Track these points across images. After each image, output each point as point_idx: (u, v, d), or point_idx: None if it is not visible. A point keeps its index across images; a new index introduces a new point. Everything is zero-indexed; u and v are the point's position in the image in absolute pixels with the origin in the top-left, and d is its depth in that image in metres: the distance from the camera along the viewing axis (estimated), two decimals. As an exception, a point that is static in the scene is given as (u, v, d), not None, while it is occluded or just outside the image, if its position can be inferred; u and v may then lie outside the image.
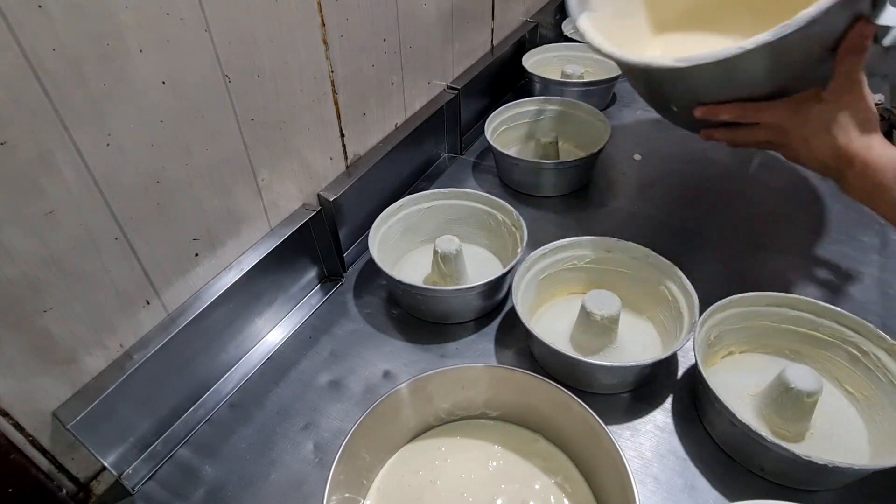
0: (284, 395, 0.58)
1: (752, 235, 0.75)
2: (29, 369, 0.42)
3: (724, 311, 0.55)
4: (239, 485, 0.51)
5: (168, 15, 0.43)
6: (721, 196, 0.83)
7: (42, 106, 0.37)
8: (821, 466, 0.43)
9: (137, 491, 0.51)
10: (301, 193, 0.65)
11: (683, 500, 0.48)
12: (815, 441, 0.51)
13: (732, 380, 0.55)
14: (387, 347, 0.63)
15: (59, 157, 0.39)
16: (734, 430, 0.48)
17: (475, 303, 0.63)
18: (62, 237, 0.41)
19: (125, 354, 0.49)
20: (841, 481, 0.48)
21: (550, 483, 0.48)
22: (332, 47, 0.61)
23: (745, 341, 0.58)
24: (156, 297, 0.51)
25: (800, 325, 0.56)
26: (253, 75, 0.52)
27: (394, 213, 0.70)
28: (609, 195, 0.85)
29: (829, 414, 0.53)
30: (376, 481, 0.49)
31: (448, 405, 0.52)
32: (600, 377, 0.55)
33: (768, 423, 0.51)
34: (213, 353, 0.58)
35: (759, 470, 0.49)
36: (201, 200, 0.52)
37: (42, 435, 0.45)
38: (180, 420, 0.56)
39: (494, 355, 0.62)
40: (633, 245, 0.61)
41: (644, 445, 0.52)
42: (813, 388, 0.48)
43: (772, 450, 0.45)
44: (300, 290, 0.68)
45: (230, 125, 0.52)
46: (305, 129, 0.62)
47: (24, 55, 0.35)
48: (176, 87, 0.46)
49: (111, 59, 0.40)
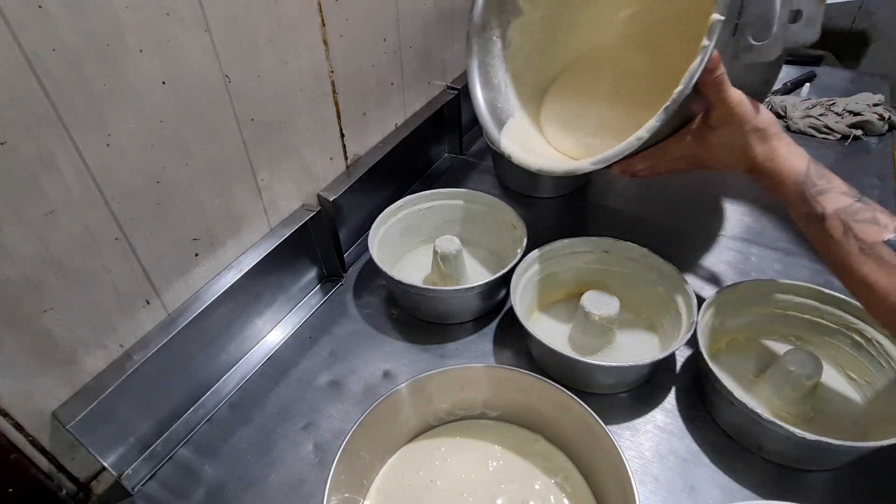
0: (284, 395, 0.58)
1: (752, 235, 0.75)
2: (29, 369, 0.42)
3: (729, 296, 0.56)
4: (239, 485, 0.51)
5: (168, 15, 0.43)
6: (721, 196, 0.83)
7: (42, 106, 0.37)
8: (813, 443, 0.44)
9: (137, 491, 0.51)
10: (301, 193, 0.65)
11: (683, 500, 0.48)
12: (815, 424, 0.52)
13: (736, 364, 0.57)
14: (387, 347, 0.63)
15: (59, 157, 0.39)
16: (733, 410, 0.49)
17: (475, 303, 0.63)
18: (62, 237, 0.41)
19: (125, 354, 0.49)
20: (837, 460, 0.49)
21: (550, 483, 0.48)
22: (332, 47, 0.61)
23: (750, 327, 0.59)
24: (156, 297, 0.51)
25: (804, 312, 0.57)
26: (253, 75, 0.52)
27: (394, 213, 0.70)
28: (608, 195, 0.85)
29: (832, 399, 0.54)
30: (376, 481, 0.49)
31: (448, 405, 0.52)
32: (599, 377, 0.55)
33: (769, 405, 0.52)
34: (213, 353, 0.58)
35: (756, 449, 0.50)
36: (201, 200, 0.52)
37: (42, 435, 0.45)
38: (180, 420, 0.56)
39: (494, 355, 0.62)
40: (632, 245, 0.61)
41: (644, 445, 0.52)
42: (812, 371, 0.50)
43: (769, 428, 0.46)
44: (300, 291, 0.68)
45: (230, 125, 0.52)
46: (305, 129, 0.62)
47: (24, 55, 0.35)
48: (176, 87, 0.46)
49: (111, 59, 0.40)
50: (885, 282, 0.42)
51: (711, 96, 0.48)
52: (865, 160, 0.89)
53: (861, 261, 0.44)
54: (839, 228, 0.45)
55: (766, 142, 0.49)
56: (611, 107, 0.68)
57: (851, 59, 1.79)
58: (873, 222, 0.44)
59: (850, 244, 0.44)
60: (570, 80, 0.74)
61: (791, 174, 0.48)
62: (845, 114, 0.95)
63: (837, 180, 0.47)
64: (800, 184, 0.48)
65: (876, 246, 0.43)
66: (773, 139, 0.49)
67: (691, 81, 0.46)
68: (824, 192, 0.46)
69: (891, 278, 0.42)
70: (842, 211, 0.45)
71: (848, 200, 0.46)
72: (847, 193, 0.46)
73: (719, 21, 0.44)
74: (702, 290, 0.65)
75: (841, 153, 0.90)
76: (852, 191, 0.47)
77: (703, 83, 0.47)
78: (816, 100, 0.99)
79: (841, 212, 0.45)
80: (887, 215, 0.44)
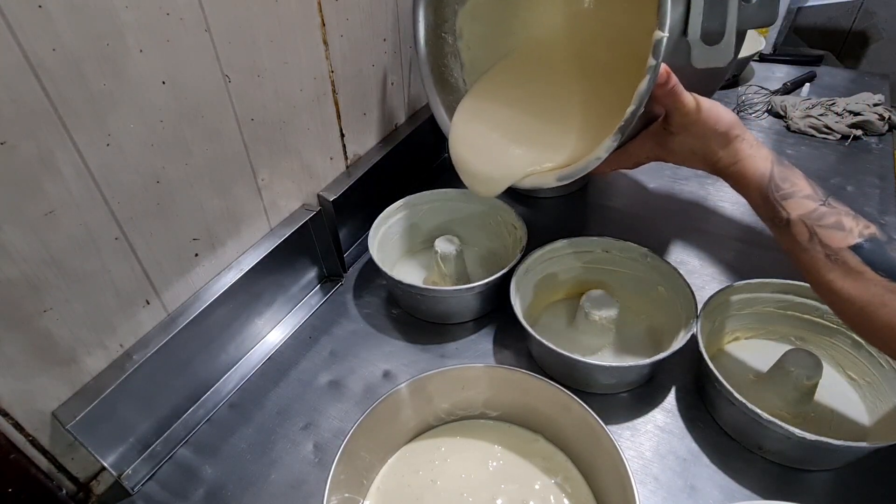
0: (284, 395, 0.58)
1: (752, 235, 0.75)
2: (29, 369, 0.42)
3: (729, 296, 0.56)
4: (239, 485, 0.51)
5: (168, 15, 0.43)
6: (721, 196, 0.83)
7: (42, 106, 0.37)
8: (813, 443, 0.44)
9: (137, 491, 0.51)
10: (301, 193, 0.65)
11: (683, 500, 0.48)
12: (815, 424, 0.52)
13: (736, 363, 0.57)
14: (387, 347, 0.63)
15: (59, 157, 0.39)
16: (733, 410, 0.49)
17: (475, 303, 0.63)
18: (62, 237, 0.41)
19: (125, 354, 0.49)
20: (837, 460, 0.49)
21: (550, 483, 0.48)
22: (332, 47, 0.61)
23: (750, 327, 0.59)
24: (156, 297, 0.51)
25: (804, 312, 0.57)
26: (253, 75, 0.52)
27: (394, 213, 0.70)
28: (608, 196, 0.85)
29: (831, 399, 0.54)
30: (376, 481, 0.49)
31: (448, 405, 0.52)
32: (599, 377, 0.55)
33: (769, 405, 0.52)
34: (213, 353, 0.58)
35: (757, 449, 0.50)
36: (201, 200, 0.52)
37: (42, 435, 0.45)
38: (180, 420, 0.56)
39: (494, 355, 0.62)
40: (632, 245, 0.61)
41: (644, 445, 0.52)
42: (812, 371, 0.50)
43: (769, 428, 0.46)
44: (300, 291, 0.68)
45: (230, 125, 0.52)
46: (305, 129, 0.62)
47: (24, 55, 0.35)
48: (176, 87, 0.46)
49: (111, 59, 0.40)
50: (850, 289, 0.42)
51: (668, 106, 0.47)
52: (865, 160, 0.89)
53: (827, 267, 0.43)
54: (805, 234, 0.44)
55: (728, 145, 0.48)
56: (533, 112, 0.63)
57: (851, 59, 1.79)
58: (838, 227, 0.43)
59: (816, 250, 0.44)
60: (499, 76, 0.68)
61: (754, 178, 0.47)
62: (845, 114, 0.95)
63: (803, 181, 0.46)
64: (763, 188, 0.47)
65: (841, 252, 0.43)
66: (735, 142, 0.48)
67: (642, 102, 0.44)
68: (789, 197, 0.46)
69: (856, 285, 0.42)
70: (806, 216, 0.45)
71: (812, 205, 0.45)
72: (812, 197, 0.45)
73: (662, 39, 0.42)
74: (702, 290, 0.65)
75: (841, 153, 0.90)
76: (818, 192, 0.46)
77: (656, 97, 0.45)
78: (816, 100, 0.99)
79: (805, 217, 0.45)
80: (852, 218, 0.44)
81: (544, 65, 0.66)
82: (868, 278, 0.41)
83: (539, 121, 0.62)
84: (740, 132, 0.48)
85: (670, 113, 0.48)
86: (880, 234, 0.43)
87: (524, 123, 0.62)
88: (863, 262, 0.42)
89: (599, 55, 0.64)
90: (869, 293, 0.41)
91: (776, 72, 1.17)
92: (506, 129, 0.62)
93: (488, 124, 0.63)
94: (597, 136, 0.52)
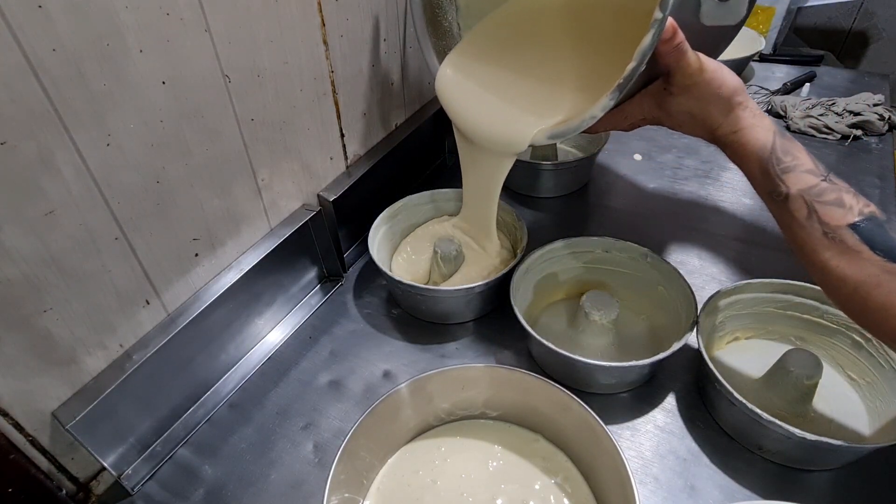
0: (284, 395, 0.58)
1: (752, 235, 0.75)
2: (29, 369, 0.42)
3: (730, 296, 0.56)
4: (239, 485, 0.51)
5: (168, 15, 0.43)
6: (721, 196, 0.83)
7: (42, 106, 0.37)
8: (813, 443, 0.44)
9: (137, 491, 0.51)
10: (301, 193, 0.65)
11: (683, 500, 0.48)
12: (815, 424, 0.52)
13: (737, 363, 0.57)
14: (387, 347, 0.63)
15: (59, 157, 0.39)
16: (733, 410, 0.49)
17: (475, 303, 0.63)
18: (62, 237, 0.41)
19: (125, 354, 0.49)
20: (837, 460, 0.49)
21: (550, 483, 0.48)
22: (332, 47, 0.61)
23: (751, 327, 0.59)
24: (156, 297, 0.51)
25: (804, 312, 0.57)
26: (253, 75, 0.52)
27: (394, 213, 0.70)
28: (608, 196, 0.85)
29: (832, 399, 0.54)
30: (376, 481, 0.49)
31: (448, 405, 0.52)
32: (599, 377, 0.55)
33: (769, 405, 0.52)
34: (213, 353, 0.58)
35: (757, 449, 0.50)
36: (201, 200, 0.52)
37: (42, 435, 0.45)
38: (180, 420, 0.56)
39: (494, 355, 0.62)
40: (632, 245, 0.61)
41: (644, 445, 0.52)
42: (812, 371, 0.50)
43: (769, 428, 0.46)
44: (300, 291, 0.68)
45: (230, 125, 0.52)
46: (305, 129, 0.62)
47: (24, 55, 0.35)
48: (176, 87, 0.46)
49: (111, 59, 0.40)
50: (845, 267, 0.41)
51: (671, 65, 0.45)
52: (865, 160, 0.89)
53: (823, 245, 0.42)
54: (803, 210, 0.43)
55: (729, 112, 0.46)
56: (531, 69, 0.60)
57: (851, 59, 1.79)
58: (838, 204, 0.42)
59: (814, 227, 0.42)
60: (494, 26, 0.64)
61: (755, 149, 0.45)
62: (845, 114, 0.95)
63: (804, 156, 0.44)
64: (764, 160, 0.45)
65: (840, 230, 0.41)
66: (738, 108, 0.46)
67: (644, 59, 0.41)
68: (789, 171, 0.44)
69: (851, 264, 0.40)
70: (806, 192, 0.43)
71: (814, 180, 0.43)
72: (813, 172, 0.43)
73: None
74: (702, 290, 0.65)
75: (841, 153, 0.91)
76: (819, 168, 0.44)
77: (659, 54, 0.42)
78: (816, 100, 0.99)
79: (805, 192, 0.43)
80: (853, 195, 0.42)
81: (541, 17, 0.62)
82: (865, 258, 0.40)
83: (534, 80, 0.59)
84: (744, 99, 0.46)
85: (672, 72, 0.45)
86: (880, 214, 0.42)
87: (519, 83, 0.59)
88: (861, 240, 0.40)
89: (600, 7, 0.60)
90: (864, 273, 0.40)
91: (776, 72, 1.17)
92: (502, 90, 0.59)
93: (482, 84, 0.60)
94: (594, 95, 0.49)
